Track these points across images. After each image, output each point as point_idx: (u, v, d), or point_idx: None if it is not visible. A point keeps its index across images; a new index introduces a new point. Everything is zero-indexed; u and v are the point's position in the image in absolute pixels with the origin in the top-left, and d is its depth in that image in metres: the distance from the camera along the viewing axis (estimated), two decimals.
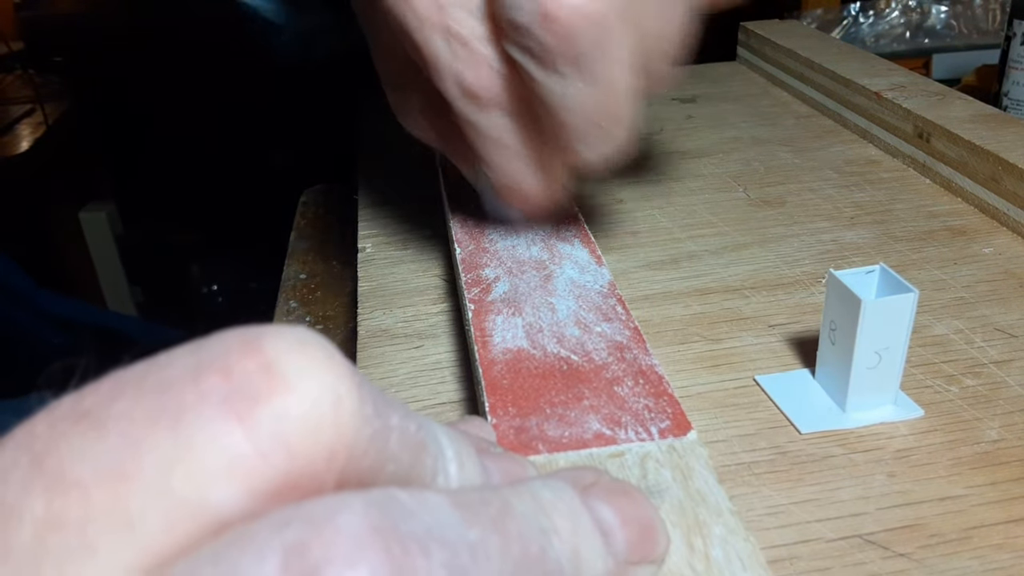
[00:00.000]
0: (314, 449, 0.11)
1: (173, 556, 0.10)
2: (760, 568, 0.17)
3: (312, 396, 0.11)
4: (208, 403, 0.11)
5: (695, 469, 0.20)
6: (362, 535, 0.10)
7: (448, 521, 0.11)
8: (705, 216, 0.40)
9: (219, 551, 0.10)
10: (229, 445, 0.11)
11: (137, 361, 0.12)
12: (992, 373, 0.28)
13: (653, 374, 0.23)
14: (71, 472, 0.10)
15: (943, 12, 0.85)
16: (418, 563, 0.10)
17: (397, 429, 0.13)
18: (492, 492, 0.13)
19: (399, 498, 0.11)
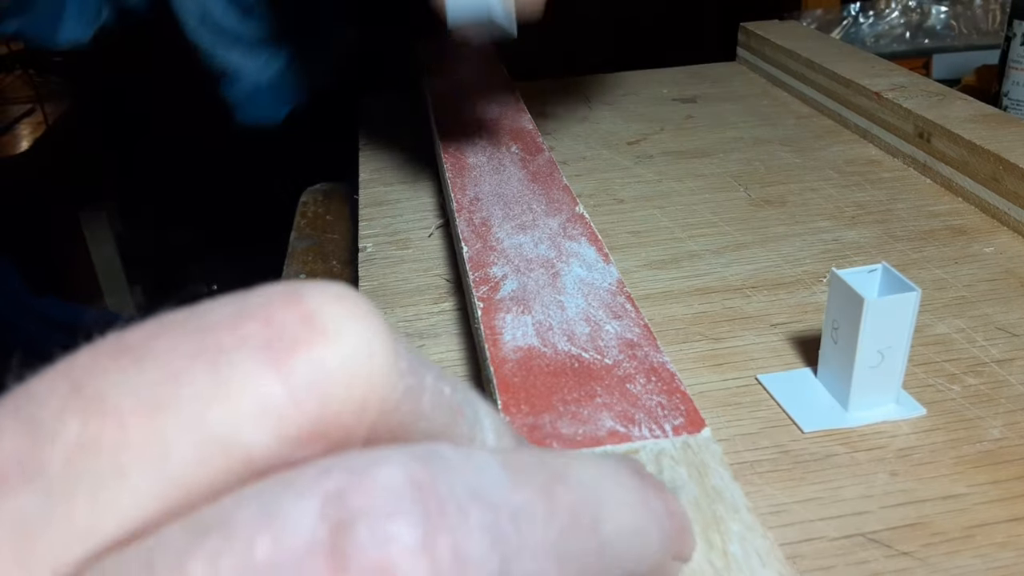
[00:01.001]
0: (346, 400, 0.11)
1: (203, 495, 0.11)
2: (779, 564, 0.17)
3: (348, 348, 0.11)
4: (247, 347, 0.11)
5: (710, 466, 0.20)
6: (401, 489, 0.10)
7: (494, 482, 0.11)
8: (706, 216, 0.40)
9: (262, 490, 0.10)
10: (264, 389, 0.11)
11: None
12: (994, 372, 0.28)
13: (665, 371, 0.23)
14: (108, 399, 0.11)
15: (943, 12, 0.85)
16: (454, 522, 0.10)
17: (431, 389, 0.13)
18: (551, 455, 0.13)
19: (444, 454, 0.11)
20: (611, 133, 0.51)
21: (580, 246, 0.30)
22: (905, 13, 0.85)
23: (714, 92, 0.58)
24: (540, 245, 0.30)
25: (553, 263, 0.29)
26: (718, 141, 0.49)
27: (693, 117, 0.54)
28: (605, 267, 0.29)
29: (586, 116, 0.55)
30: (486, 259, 0.30)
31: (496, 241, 0.31)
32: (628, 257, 0.36)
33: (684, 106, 0.56)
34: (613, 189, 0.43)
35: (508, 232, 0.32)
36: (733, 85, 0.60)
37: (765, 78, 0.61)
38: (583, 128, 0.52)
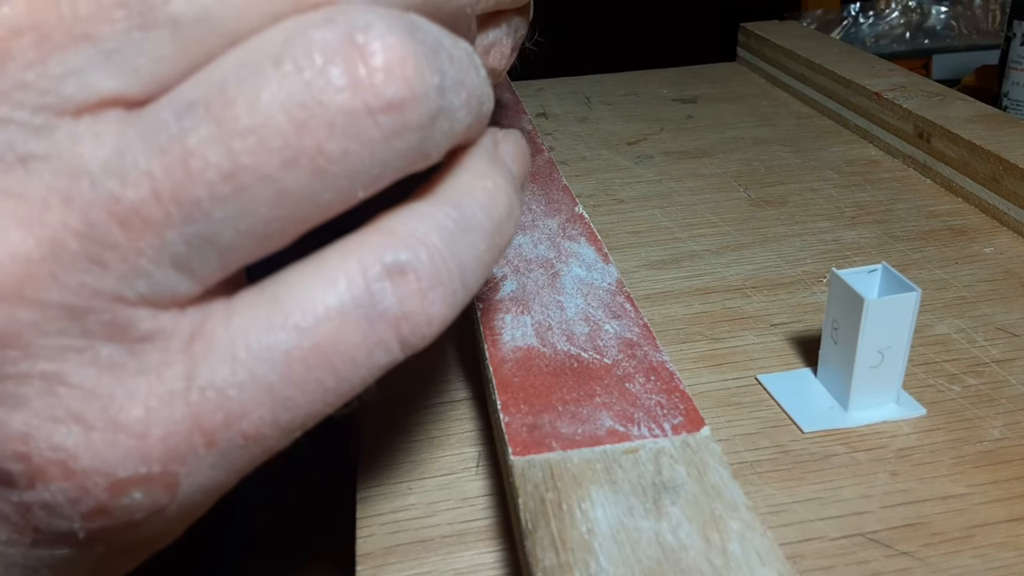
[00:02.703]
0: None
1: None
2: (779, 563, 0.17)
3: None
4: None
5: (710, 465, 0.20)
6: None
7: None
8: (706, 216, 0.40)
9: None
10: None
11: None
12: (994, 372, 0.28)
13: (664, 371, 0.23)
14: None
15: (943, 13, 0.85)
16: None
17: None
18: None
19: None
20: (611, 133, 0.51)
21: (579, 246, 0.30)
22: (905, 13, 0.85)
23: (714, 92, 0.58)
24: (539, 245, 0.30)
25: (552, 263, 0.29)
26: (718, 141, 0.49)
27: (693, 117, 0.54)
28: (605, 267, 0.29)
29: (586, 116, 0.55)
30: None
31: None
32: (628, 257, 0.36)
33: (684, 106, 0.56)
34: (613, 189, 0.43)
35: None
36: (733, 85, 0.60)
37: (765, 78, 0.61)
38: (583, 128, 0.52)
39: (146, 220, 0.12)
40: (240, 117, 0.12)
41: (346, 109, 0.12)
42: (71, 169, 0.12)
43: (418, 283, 0.14)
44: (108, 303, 0.12)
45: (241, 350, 0.13)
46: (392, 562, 0.22)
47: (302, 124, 0.12)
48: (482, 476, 0.25)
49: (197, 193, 0.12)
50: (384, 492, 0.24)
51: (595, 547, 0.17)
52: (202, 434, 0.13)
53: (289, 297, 0.13)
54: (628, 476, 0.19)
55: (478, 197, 0.15)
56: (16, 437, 0.13)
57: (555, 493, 0.19)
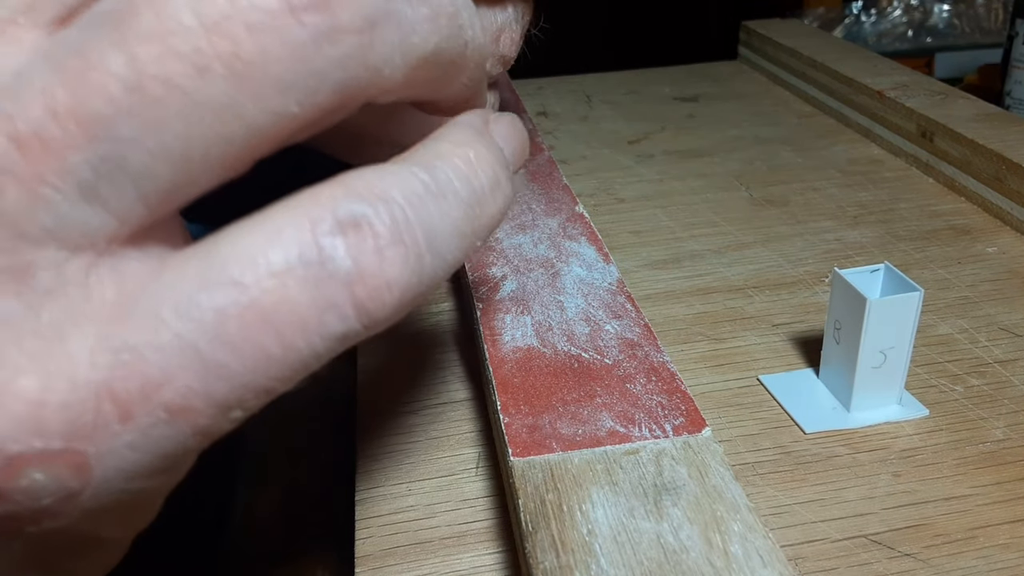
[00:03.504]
0: None
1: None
2: (781, 564, 0.17)
3: None
4: None
5: (711, 466, 0.19)
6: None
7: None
8: (707, 215, 0.40)
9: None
10: None
11: None
12: (997, 372, 0.28)
13: (665, 371, 0.23)
14: None
15: (945, 11, 0.85)
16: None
17: None
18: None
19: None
20: (612, 132, 0.51)
21: (580, 246, 0.30)
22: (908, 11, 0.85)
23: (716, 91, 0.58)
24: (539, 245, 0.30)
25: (553, 263, 0.29)
26: (720, 140, 0.49)
27: (694, 116, 0.53)
28: (605, 267, 0.29)
29: (586, 115, 0.54)
30: (485, 259, 0.30)
31: (495, 241, 0.31)
32: (629, 257, 0.36)
33: (685, 105, 0.56)
34: (614, 188, 0.43)
35: (507, 232, 0.31)
36: (735, 84, 0.60)
37: (767, 77, 0.61)
38: (583, 127, 0.52)
39: (44, 141, 0.11)
40: (144, 22, 0.11)
41: (264, 6, 0.11)
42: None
43: (374, 240, 0.12)
44: (7, 240, 0.11)
45: (165, 308, 0.12)
46: (391, 564, 0.22)
47: (214, 25, 0.11)
48: (482, 477, 0.24)
49: (99, 108, 0.11)
50: (383, 493, 0.24)
51: (596, 548, 0.17)
52: (114, 403, 0.11)
53: (227, 250, 0.12)
54: (629, 477, 0.19)
55: (455, 163, 0.14)
56: None
57: (555, 494, 0.19)
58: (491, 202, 0.15)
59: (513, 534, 0.22)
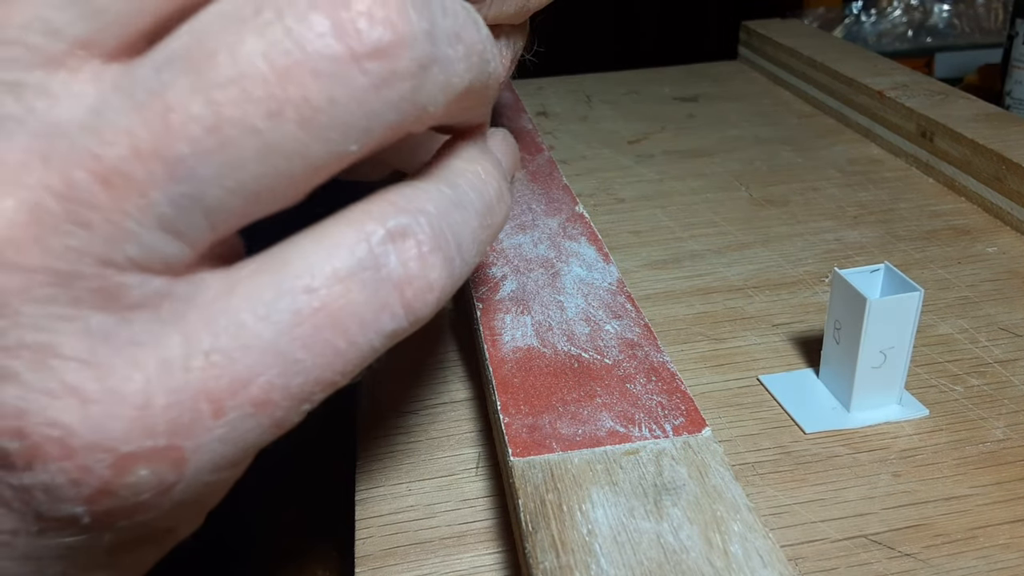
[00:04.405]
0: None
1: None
2: (780, 564, 0.17)
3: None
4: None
5: (711, 466, 0.19)
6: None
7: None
8: (707, 215, 0.40)
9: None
10: None
11: None
12: (997, 372, 0.28)
13: (665, 371, 0.23)
14: None
15: (945, 11, 0.85)
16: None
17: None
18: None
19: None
20: (612, 132, 0.51)
21: (580, 246, 0.30)
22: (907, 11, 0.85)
23: (715, 91, 0.58)
24: (539, 245, 0.30)
25: (553, 263, 0.29)
26: (719, 140, 0.49)
27: (694, 116, 0.53)
28: (605, 267, 0.29)
29: (586, 115, 0.54)
30: (485, 259, 0.30)
31: (495, 241, 0.31)
32: (629, 257, 0.36)
33: (685, 105, 0.56)
34: (613, 188, 0.43)
35: (507, 232, 0.32)
36: (735, 84, 0.60)
37: (767, 77, 0.61)
38: (583, 127, 0.52)
39: (128, 179, 0.12)
40: (221, 67, 0.12)
41: (330, 55, 0.12)
42: (49, 129, 0.12)
43: (419, 247, 0.14)
44: (96, 268, 0.12)
45: (246, 313, 0.13)
46: (391, 564, 0.22)
47: (285, 72, 0.12)
48: (482, 477, 0.24)
49: (180, 149, 0.12)
50: (383, 493, 0.24)
51: (596, 548, 0.17)
52: (209, 401, 0.13)
53: (297, 261, 0.13)
54: (629, 477, 0.19)
55: (469, 178, 0.16)
56: (10, 413, 0.12)
57: (555, 494, 0.19)
58: (498, 210, 0.17)
59: (513, 534, 0.22)
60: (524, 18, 0.25)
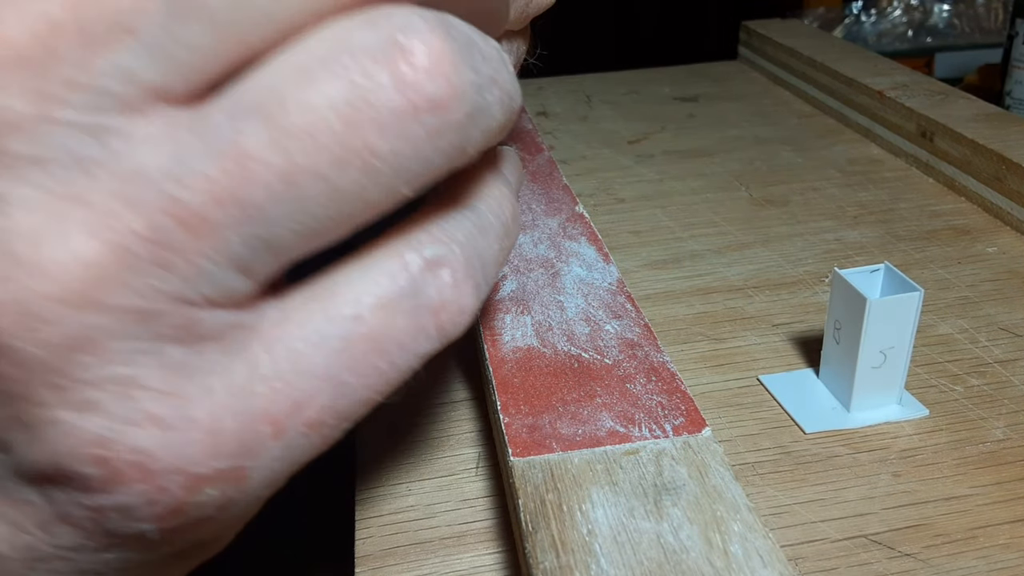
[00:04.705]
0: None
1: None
2: (781, 564, 0.17)
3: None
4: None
5: (711, 466, 0.19)
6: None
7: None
8: (707, 215, 0.40)
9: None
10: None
11: None
12: (997, 372, 0.28)
13: (665, 371, 0.23)
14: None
15: (945, 11, 0.85)
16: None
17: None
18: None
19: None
20: (612, 132, 0.51)
21: (580, 246, 0.30)
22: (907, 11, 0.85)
23: (715, 91, 0.58)
24: (539, 245, 0.30)
25: (553, 263, 0.29)
26: (719, 140, 0.49)
27: (694, 116, 0.53)
28: (605, 267, 0.29)
29: (586, 115, 0.54)
30: None
31: None
32: (629, 257, 0.36)
33: (685, 105, 0.56)
34: (614, 188, 0.43)
35: None
36: (735, 84, 0.60)
37: (767, 77, 0.61)
38: (583, 127, 0.52)
39: (208, 222, 0.12)
40: (293, 119, 0.13)
41: (393, 108, 0.13)
42: (131, 173, 0.12)
43: (453, 275, 0.15)
44: (175, 305, 0.13)
45: (301, 341, 0.14)
46: (391, 564, 0.22)
47: (353, 124, 0.13)
48: (482, 477, 0.24)
49: (255, 195, 0.13)
50: (383, 493, 0.24)
51: (596, 548, 0.17)
52: (270, 424, 0.14)
53: (345, 290, 0.15)
54: (629, 477, 0.19)
55: (491, 204, 0.17)
56: (93, 442, 0.13)
57: (555, 494, 0.19)
58: (513, 231, 0.18)
59: (513, 534, 0.22)
60: (525, 23, 0.25)
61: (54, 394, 0.13)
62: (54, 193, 0.12)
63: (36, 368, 0.12)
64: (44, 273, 0.12)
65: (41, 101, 0.12)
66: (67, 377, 0.12)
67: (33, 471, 0.13)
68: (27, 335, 0.12)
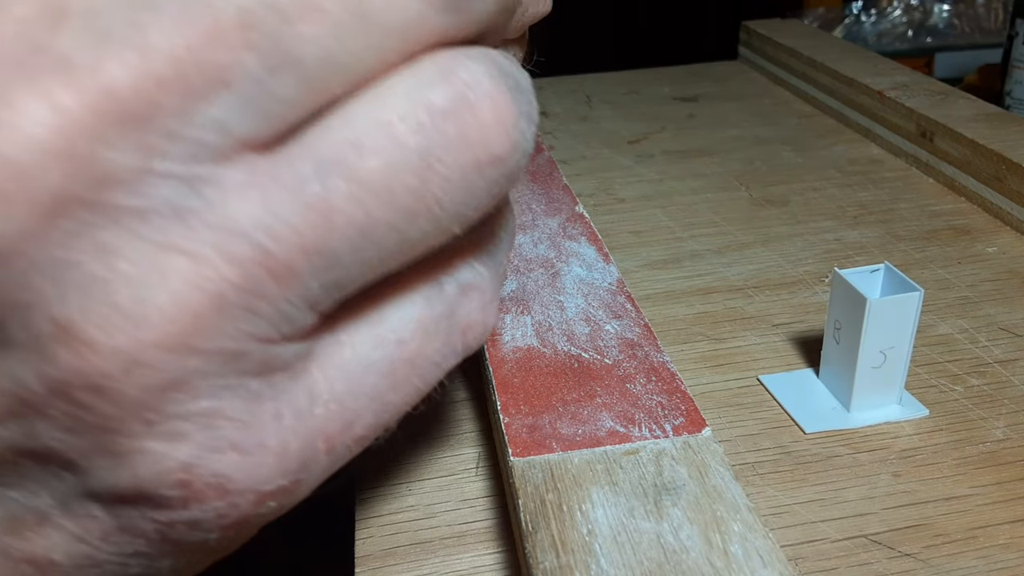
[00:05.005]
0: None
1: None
2: (780, 564, 0.17)
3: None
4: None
5: (711, 466, 0.19)
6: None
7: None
8: (707, 215, 0.40)
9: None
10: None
11: None
12: (997, 372, 0.28)
13: (665, 371, 0.23)
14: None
15: (945, 11, 0.85)
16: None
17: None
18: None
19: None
20: (612, 132, 0.51)
21: (580, 246, 0.30)
22: (907, 11, 0.85)
23: (715, 91, 0.58)
24: (539, 245, 0.30)
25: (552, 263, 0.29)
26: (719, 140, 0.49)
27: (694, 116, 0.53)
28: (605, 267, 0.29)
29: (586, 115, 0.54)
30: None
31: None
32: (629, 257, 0.36)
33: (685, 105, 0.56)
34: (613, 188, 0.43)
35: None
36: (735, 84, 0.60)
37: (767, 77, 0.61)
38: (583, 127, 0.52)
39: (294, 271, 0.13)
40: (375, 175, 0.14)
41: (462, 165, 0.14)
42: (225, 224, 0.13)
43: (482, 298, 0.17)
44: (258, 345, 0.14)
45: (353, 365, 0.15)
46: (391, 564, 0.22)
47: (426, 179, 0.14)
48: (482, 477, 0.24)
49: (336, 245, 0.14)
50: (383, 493, 0.24)
51: (596, 548, 0.17)
52: (324, 441, 0.15)
53: (390, 315, 0.16)
54: (629, 477, 0.19)
55: (506, 224, 0.18)
56: (179, 468, 0.14)
57: (555, 494, 0.19)
58: (513, 242, 0.19)
59: (513, 534, 0.22)
60: (522, 31, 0.25)
61: (145, 427, 0.13)
62: (155, 243, 0.13)
63: (132, 407, 0.13)
64: (146, 321, 0.13)
65: (143, 153, 0.12)
66: (160, 413, 0.13)
67: (110, 493, 0.14)
68: (127, 379, 0.13)
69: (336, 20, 0.13)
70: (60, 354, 0.13)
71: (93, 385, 0.13)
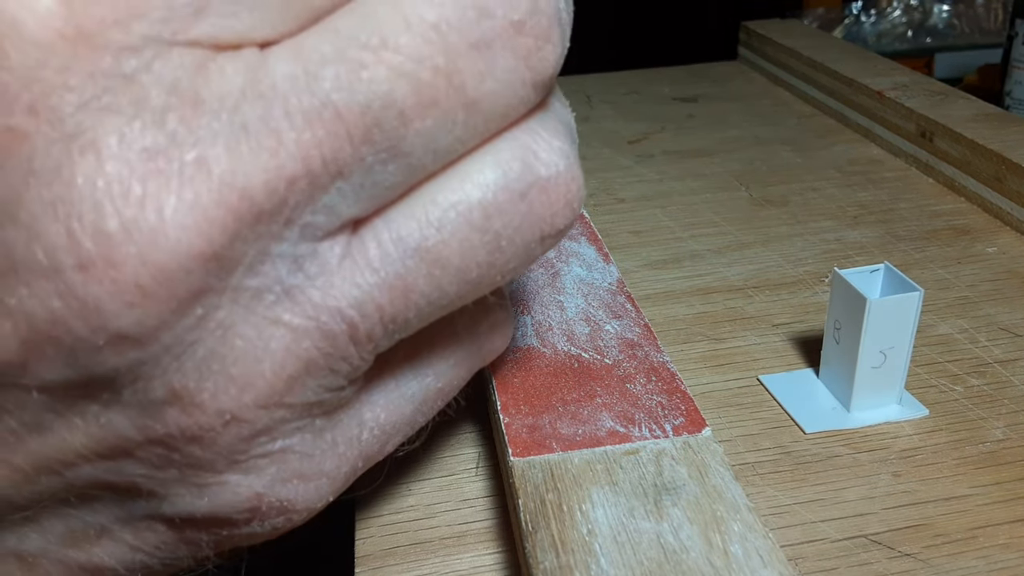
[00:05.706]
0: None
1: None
2: (781, 564, 0.17)
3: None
4: None
5: (711, 466, 0.19)
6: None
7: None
8: (707, 215, 0.40)
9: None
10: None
11: None
12: (997, 372, 0.28)
13: (665, 371, 0.23)
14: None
15: (945, 11, 0.85)
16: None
17: None
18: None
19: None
20: (612, 132, 0.51)
21: (580, 246, 0.30)
22: (907, 12, 0.85)
23: (715, 91, 0.58)
24: None
25: (552, 263, 0.29)
26: (719, 140, 0.49)
27: (694, 116, 0.53)
28: (605, 267, 0.29)
29: (587, 115, 0.54)
30: None
31: None
32: (629, 257, 0.36)
33: (685, 105, 0.56)
34: (614, 188, 0.43)
35: None
36: (734, 84, 0.60)
37: (766, 77, 0.61)
38: (584, 127, 0.52)
39: (372, 338, 0.15)
40: (452, 259, 0.15)
41: (527, 240, 0.15)
42: (324, 302, 0.14)
43: (504, 335, 0.20)
44: (332, 395, 0.15)
45: (396, 396, 0.18)
46: (391, 564, 0.22)
47: (494, 257, 0.15)
48: (482, 477, 0.24)
49: (410, 315, 0.15)
50: (383, 493, 0.24)
51: (596, 548, 0.17)
52: (364, 460, 0.18)
53: (435, 361, 0.19)
54: (629, 477, 0.19)
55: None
56: (251, 496, 0.15)
57: (555, 494, 0.19)
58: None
59: (513, 534, 0.22)
60: None
61: (229, 465, 0.15)
62: (266, 319, 0.14)
63: (223, 451, 0.14)
64: (251, 387, 0.14)
65: (267, 241, 0.13)
66: (245, 454, 0.15)
67: (182, 517, 0.15)
68: (224, 430, 0.14)
69: (447, 112, 0.14)
70: (169, 413, 0.14)
71: (193, 436, 0.14)
